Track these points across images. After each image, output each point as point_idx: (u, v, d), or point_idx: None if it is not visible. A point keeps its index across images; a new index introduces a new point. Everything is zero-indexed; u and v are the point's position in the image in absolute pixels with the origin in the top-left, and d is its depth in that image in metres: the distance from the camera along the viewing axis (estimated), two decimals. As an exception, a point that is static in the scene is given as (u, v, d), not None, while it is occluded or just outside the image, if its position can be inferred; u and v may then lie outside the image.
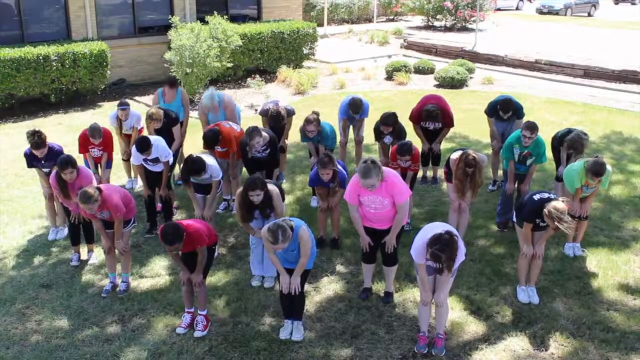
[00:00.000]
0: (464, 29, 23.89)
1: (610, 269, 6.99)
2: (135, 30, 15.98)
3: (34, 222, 8.19)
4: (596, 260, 7.17)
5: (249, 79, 15.34)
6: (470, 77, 16.19)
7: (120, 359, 5.50)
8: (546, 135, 10.76)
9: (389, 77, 16.20)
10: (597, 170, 6.69)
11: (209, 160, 7.15)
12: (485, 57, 18.42)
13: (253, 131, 7.43)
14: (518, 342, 5.73)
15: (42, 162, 7.35)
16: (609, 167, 6.85)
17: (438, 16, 24.81)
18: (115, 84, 15.38)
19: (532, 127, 7.39)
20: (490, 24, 24.57)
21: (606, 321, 6.03)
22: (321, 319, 6.06)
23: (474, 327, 5.95)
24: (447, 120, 8.87)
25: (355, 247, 7.26)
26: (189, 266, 5.86)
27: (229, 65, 14.57)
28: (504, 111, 8.52)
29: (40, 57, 13.10)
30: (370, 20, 26.44)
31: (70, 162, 6.57)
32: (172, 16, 14.84)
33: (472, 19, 23.35)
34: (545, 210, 5.82)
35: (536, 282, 6.44)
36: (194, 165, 6.87)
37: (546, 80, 16.23)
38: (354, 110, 8.93)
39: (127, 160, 9.11)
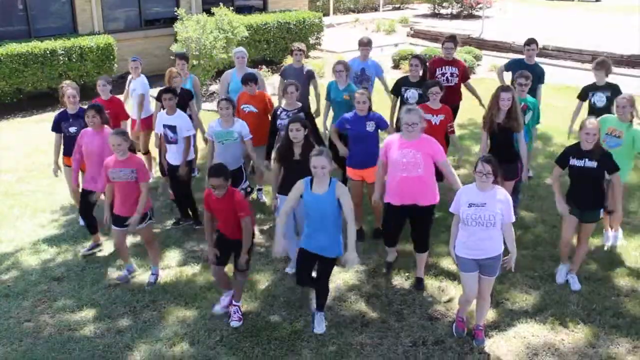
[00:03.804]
0: (471, 16, 23.77)
1: (621, 255, 6.97)
2: (142, 23, 16.00)
3: (45, 215, 8.23)
4: (606, 246, 7.16)
5: (255, 70, 15.29)
6: (478, 65, 16.11)
7: (133, 351, 5.54)
8: (556, 123, 10.70)
9: (396, 66, 16.12)
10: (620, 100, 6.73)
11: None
12: (492, 44, 18.33)
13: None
14: (528, 329, 5.73)
15: (70, 120, 7.36)
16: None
17: (444, 4, 24.72)
18: (122, 77, 15.38)
19: (527, 75, 7.40)
20: (497, 10, 24.42)
21: (616, 307, 6.03)
22: (331, 308, 6.07)
23: (484, 315, 5.95)
24: (462, 67, 8.76)
25: (366, 236, 7.29)
26: (223, 256, 5.83)
27: (236, 56, 14.54)
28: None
29: (48, 52, 13.14)
30: (376, 9, 26.34)
31: (96, 106, 6.84)
32: (177, 8, 14.81)
33: (479, 5, 23.22)
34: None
35: (575, 269, 6.44)
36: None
37: (554, 66, 16.11)
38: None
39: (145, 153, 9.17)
